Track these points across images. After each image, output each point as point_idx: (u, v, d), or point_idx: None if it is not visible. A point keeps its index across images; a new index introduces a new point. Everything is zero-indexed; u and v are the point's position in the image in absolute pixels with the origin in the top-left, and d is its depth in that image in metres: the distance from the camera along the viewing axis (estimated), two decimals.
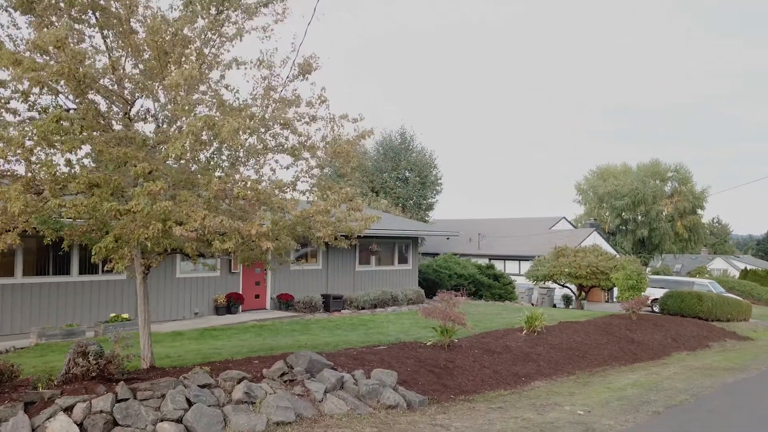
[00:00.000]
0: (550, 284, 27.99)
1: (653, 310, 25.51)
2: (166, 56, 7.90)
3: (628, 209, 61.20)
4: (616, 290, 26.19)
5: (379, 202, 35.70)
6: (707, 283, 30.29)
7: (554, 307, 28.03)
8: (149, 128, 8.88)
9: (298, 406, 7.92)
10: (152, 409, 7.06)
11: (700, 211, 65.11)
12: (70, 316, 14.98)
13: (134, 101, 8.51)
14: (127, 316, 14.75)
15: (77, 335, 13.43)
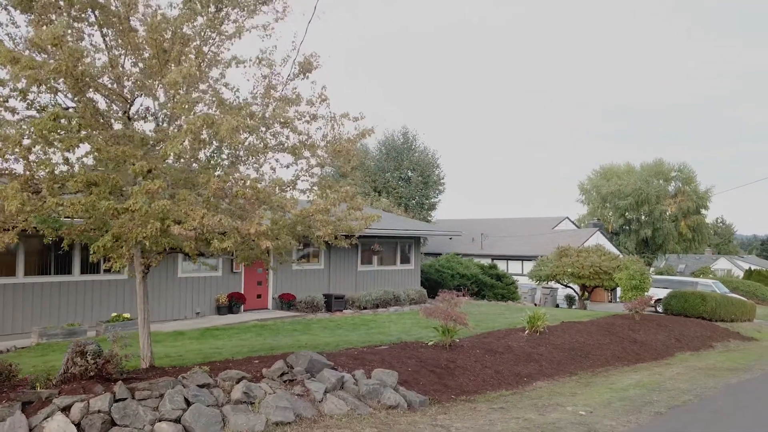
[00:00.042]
0: (552, 284, 27.90)
1: (656, 310, 25.40)
2: (165, 54, 7.87)
3: (631, 209, 60.98)
4: (619, 290, 26.11)
5: (380, 201, 35.61)
6: (711, 283, 30.14)
7: (557, 307, 27.95)
8: (149, 127, 8.86)
9: (297, 406, 7.88)
10: (150, 408, 7.03)
11: (704, 210, 64.84)
12: (71, 315, 14.98)
13: (134, 100, 8.48)
14: (128, 315, 14.73)
15: (78, 335, 13.42)
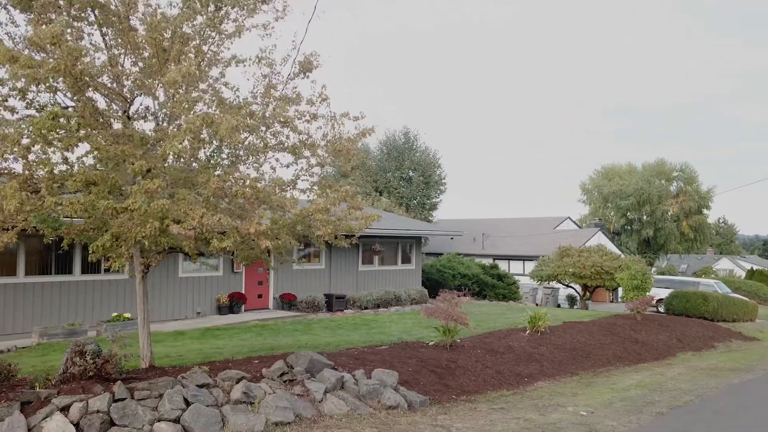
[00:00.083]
0: (554, 284, 27.85)
1: (658, 310, 25.34)
2: (165, 53, 7.85)
3: (633, 209, 60.89)
4: (620, 290, 26.09)
5: (381, 201, 35.57)
6: (713, 283, 30.08)
7: (558, 307, 27.91)
8: (149, 126, 8.84)
9: (297, 406, 7.86)
10: (150, 408, 7.01)
11: (705, 210, 64.78)
12: (72, 315, 14.97)
13: (133, 99, 8.46)
14: (129, 315, 14.72)
15: (79, 335, 13.42)
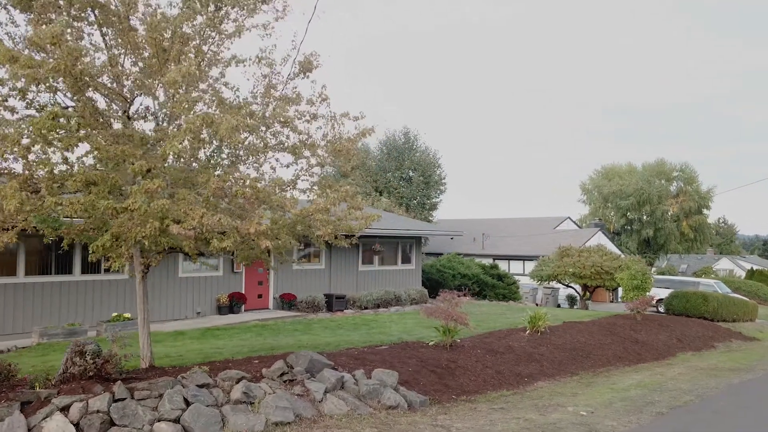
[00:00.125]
0: (554, 284, 27.85)
1: (658, 310, 25.34)
2: (165, 53, 7.85)
3: (633, 209, 60.89)
4: (620, 290, 26.08)
5: (381, 201, 35.56)
6: (713, 283, 30.08)
7: (558, 307, 27.91)
8: (149, 126, 8.84)
9: (297, 406, 7.86)
10: (149, 408, 7.01)
11: (705, 210, 64.76)
12: (72, 315, 14.97)
13: (133, 99, 8.47)
14: (129, 315, 14.72)
15: (79, 335, 13.42)
